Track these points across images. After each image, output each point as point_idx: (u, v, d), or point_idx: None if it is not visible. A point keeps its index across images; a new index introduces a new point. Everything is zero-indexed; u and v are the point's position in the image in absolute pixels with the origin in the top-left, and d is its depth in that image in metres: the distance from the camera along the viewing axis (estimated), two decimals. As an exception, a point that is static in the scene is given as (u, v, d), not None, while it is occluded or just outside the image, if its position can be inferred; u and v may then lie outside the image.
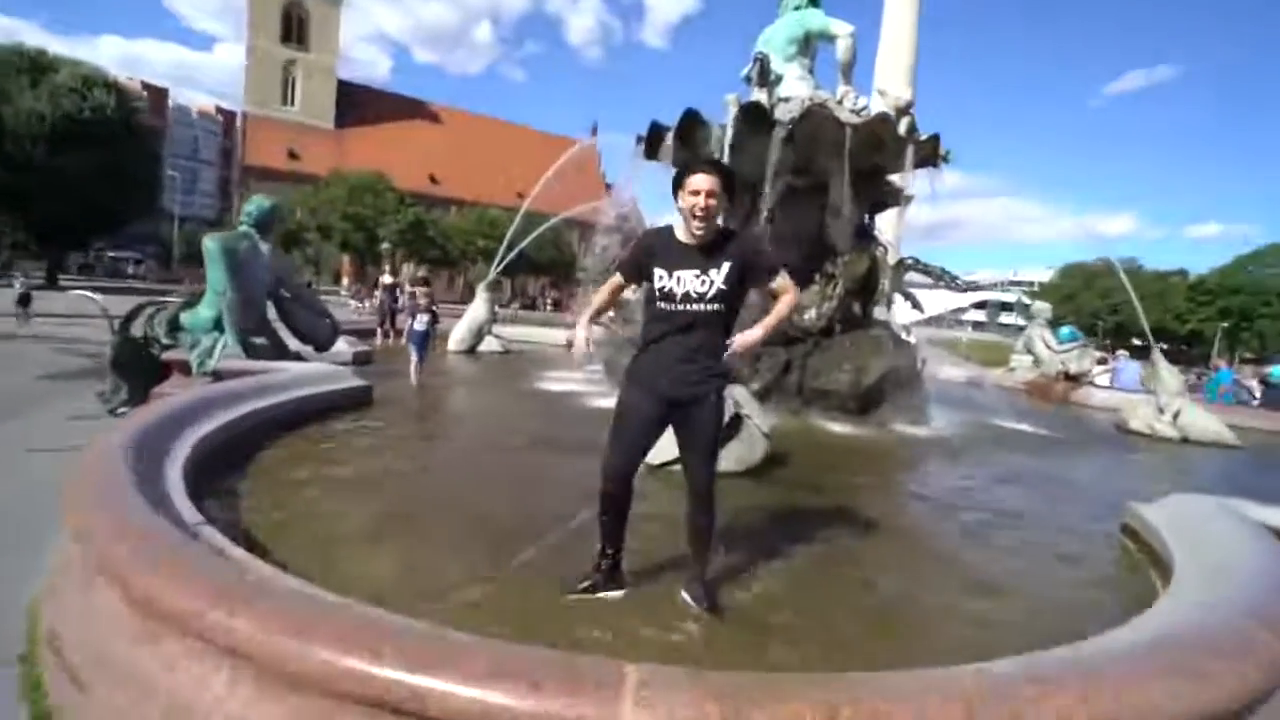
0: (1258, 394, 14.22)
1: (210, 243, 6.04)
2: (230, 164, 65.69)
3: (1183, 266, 57.37)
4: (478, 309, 11.99)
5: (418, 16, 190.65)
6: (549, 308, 49.88)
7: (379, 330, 11.98)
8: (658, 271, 2.33)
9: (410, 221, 43.07)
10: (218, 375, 5.68)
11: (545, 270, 51.01)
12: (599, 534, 2.52)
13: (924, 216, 8.36)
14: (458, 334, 11.49)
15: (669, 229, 2.41)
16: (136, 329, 6.28)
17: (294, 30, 59.73)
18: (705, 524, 2.47)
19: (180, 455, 3.22)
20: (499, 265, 12.73)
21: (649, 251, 2.37)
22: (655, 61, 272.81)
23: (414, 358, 7.65)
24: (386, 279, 12.39)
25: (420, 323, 7.74)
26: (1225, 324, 46.93)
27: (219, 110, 79.99)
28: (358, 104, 63.11)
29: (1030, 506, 4.31)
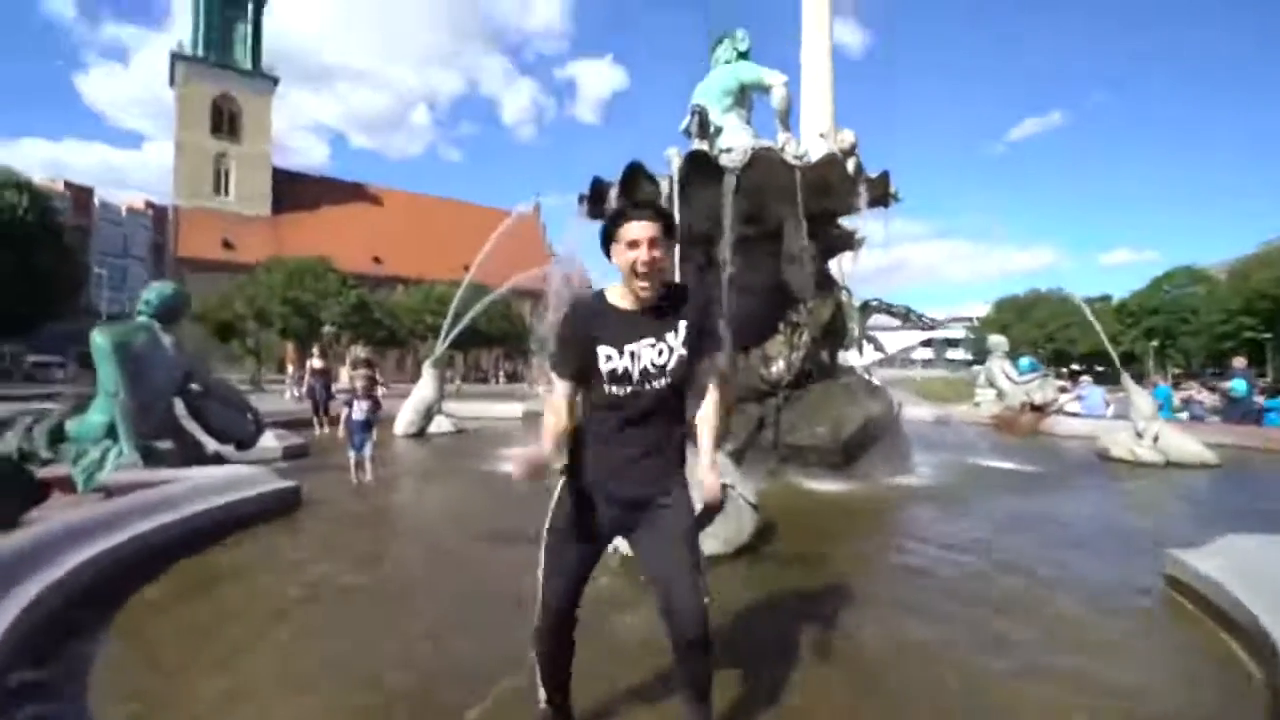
0: (1206, 404, 14.57)
1: (99, 337, 5.27)
2: (162, 258, 63.42)
3: (1106, 292, 60.85)
4: (425, 388, 11.25)
5: (350, 105, 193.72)
6: (502, 380, 48.94)
7: (314, 419, 11.00)
8: (603, 352, 1.82)
9: (354, 303, 41.90)
10: (108, 491, 4.83)
11: (498, 342, 50.25)
12: (540, 679, 1.95)
13: (874, 260, 8.26)
14: (404, 416, 10.69)
15: (600, 295, 1.91)
16: (9, 443, 5.36)
17: (225, 123, 59.27)
18: (703, 669, 1.80)
19: (9, 610, 2.45)
20: (445, 341, 12.07)
21: (586, 328, 1.85)
22: (589, 136, 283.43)
23: (352, 455, 6.48)
24: (316, 363, 11.46)
25: (359, 411, 6.53)
26: (1154, 343, 49.49)
27: (149, 205, 77.91)
28: (295, 191, 62.45)
29: (1052, 563, 3.81)
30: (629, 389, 1.82)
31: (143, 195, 78.77)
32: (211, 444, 6.43)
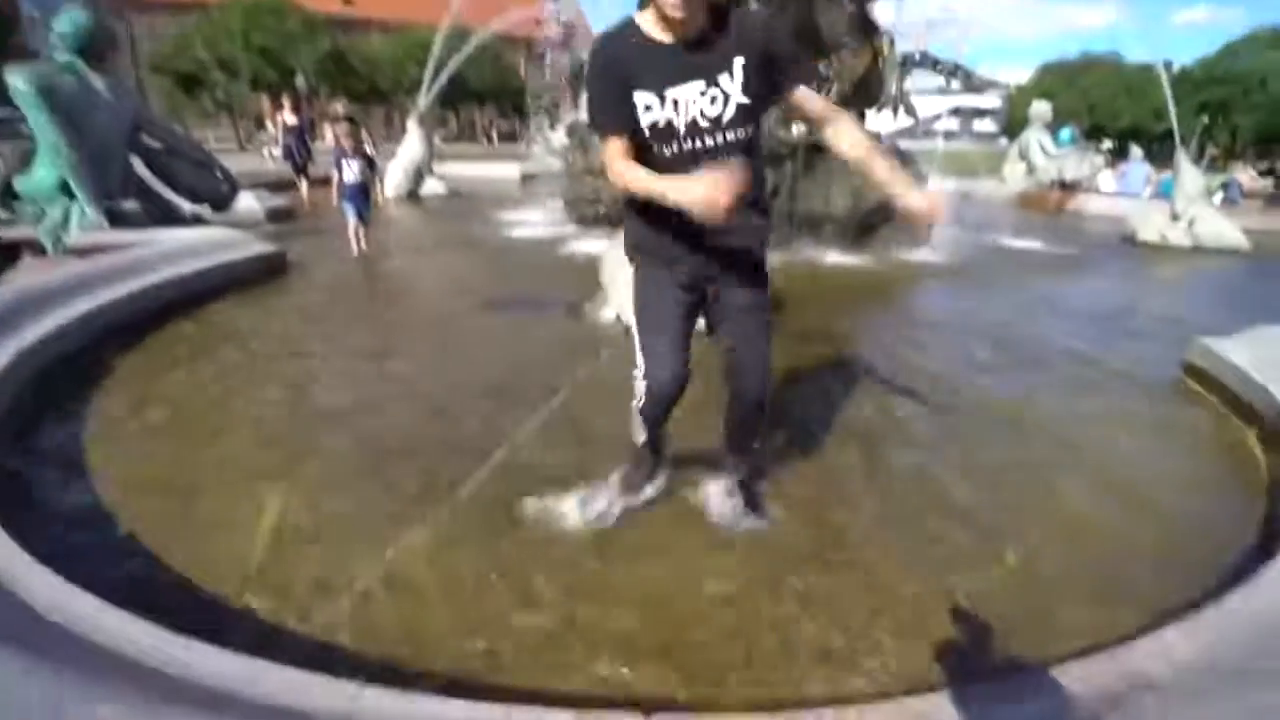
0: (1245, 188, 13.77)
1: (18, 81, 4.51)
2: (99, -11, 55.17)
3: (1169, 58, 54.00)
4: (412, 146, 10.41)
5: None
6: (495, 140, 45.98)
7: (295, 179, 10.19)
8: (640, 99, 1.45)
9: (328, 51, 37.57)
10: (80, 253, 4.56)
11: (491, 98, 46.21)
12: (643, 450, 1.92)
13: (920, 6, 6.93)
14: (393, 178, 10.01)
15: (632, 24, 1.49)
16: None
17: None
18: (756, 428, 1.92)
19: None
20: (428, 93, 10.83)
21: (621, 70, 1.46)
22: None
23: (350, 219, 5.70)
24: (289, 118, 10.28)
25: (351, 172, 5.65)
26: (1204, 119, 45.24)
27: (68, -82, 65.55)
28: (237, -100, 52.01)
29: (1068, 343, 3.70)
30: (675, 147, 1.49)
31: (56, -97, 65.48)
32: (186, 205, 6.01)
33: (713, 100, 1.46)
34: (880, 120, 7.66)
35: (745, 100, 1.47)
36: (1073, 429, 2.63)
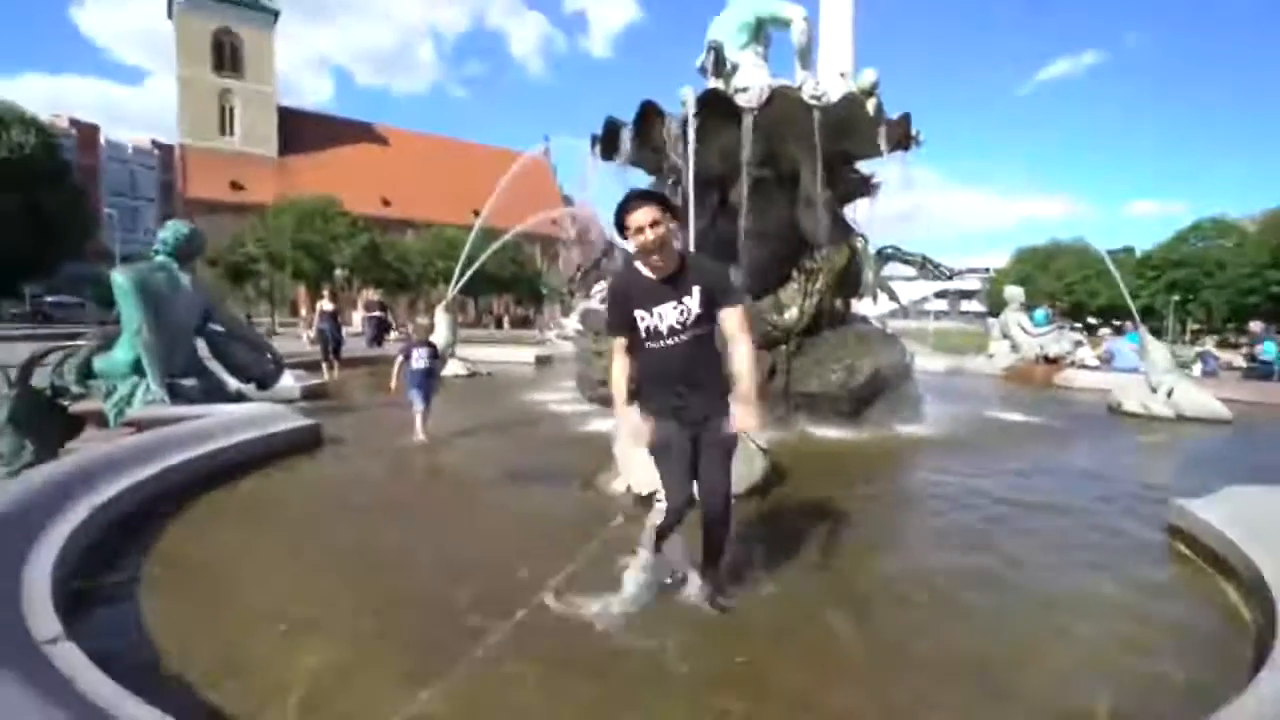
0: (1220, 360, 14.48)
1: (119, 276, 5.33)
2: (171, 199, 62.98)
3: (1129, 244, 59.31)
4: (440, 332, 11.35)
5: (356, 38, 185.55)
6: (506, 325, 48.97)
7: (323, 363, 11.12)
8: (638, 314, 2.33)
9: (364, 245, 41.81)
10: (138, 425, 4.99)
11: (507, 287, 50.22)
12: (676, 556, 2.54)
13: (892, 206, 8.06)
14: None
15: (633, 266, 2.40)
16: (43, 378, 5.51)
17: (227, 59, 57.77)
18: (720, 540, 2.44)
19: (57, 538, 2.59)
20: (457, 284, 12.11)
21: (626, 296, 2.36)
22: (601, 70, 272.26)
23: (416, 405, 5.80)
24: (326, 305, 11.50)
25: (419, 358, 5.87)
26: (1175, 298, 48.40)
27: (155, 145, 76.67)
28: (301, 130, 61.35)
29: (1054, 511, 3.91)
30: (661, 343, 2.32)
31: (148, 134, 77.01)
32: (233, 382, 6.58)
33: (680, 312, 2.29)
34: (864, 305, 8.49)
35: (700, 311, 2.30)
36: (1065, 584, 2.78)
